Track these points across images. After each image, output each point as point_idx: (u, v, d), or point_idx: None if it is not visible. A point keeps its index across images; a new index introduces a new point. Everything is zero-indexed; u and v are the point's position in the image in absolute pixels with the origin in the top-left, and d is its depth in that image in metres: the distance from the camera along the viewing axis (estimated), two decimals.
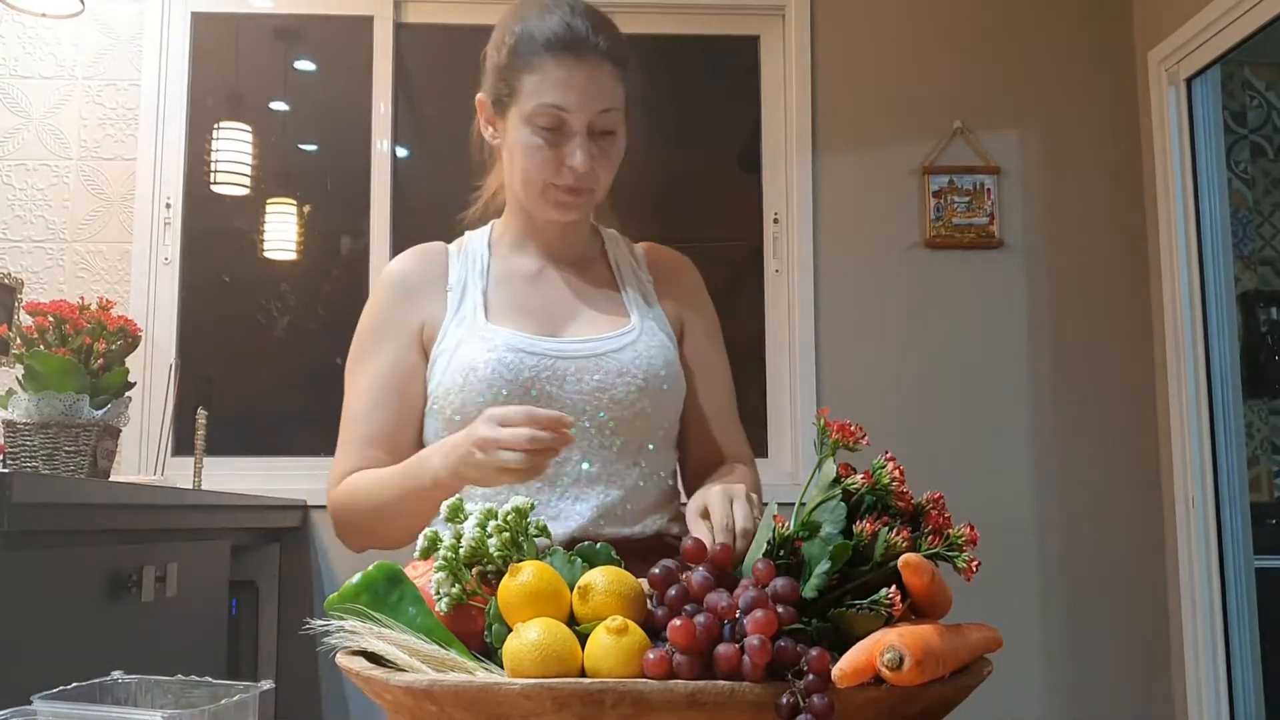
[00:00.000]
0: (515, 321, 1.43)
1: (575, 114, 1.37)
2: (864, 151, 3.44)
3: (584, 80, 1.37)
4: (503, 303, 1.47)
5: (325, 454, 3.35)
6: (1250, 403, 4.11)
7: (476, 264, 1.50)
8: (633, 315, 1.49)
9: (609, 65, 1.40)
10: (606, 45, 1.39)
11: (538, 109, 1.37)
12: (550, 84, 1.37)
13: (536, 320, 1.45)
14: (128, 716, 0.89)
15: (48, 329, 2.21)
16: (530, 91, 1.38)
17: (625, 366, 1.42)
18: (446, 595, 1.02)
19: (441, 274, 1.50)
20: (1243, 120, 4.39)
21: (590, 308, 1.49)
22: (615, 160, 1.45)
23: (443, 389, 1.41)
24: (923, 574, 0.95)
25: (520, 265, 1.52)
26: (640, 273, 1.57)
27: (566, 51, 1.37)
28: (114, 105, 3.30)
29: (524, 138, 1.40)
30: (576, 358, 1.41)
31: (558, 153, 1.39)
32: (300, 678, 3.08)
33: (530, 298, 1.48)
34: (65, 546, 1.78)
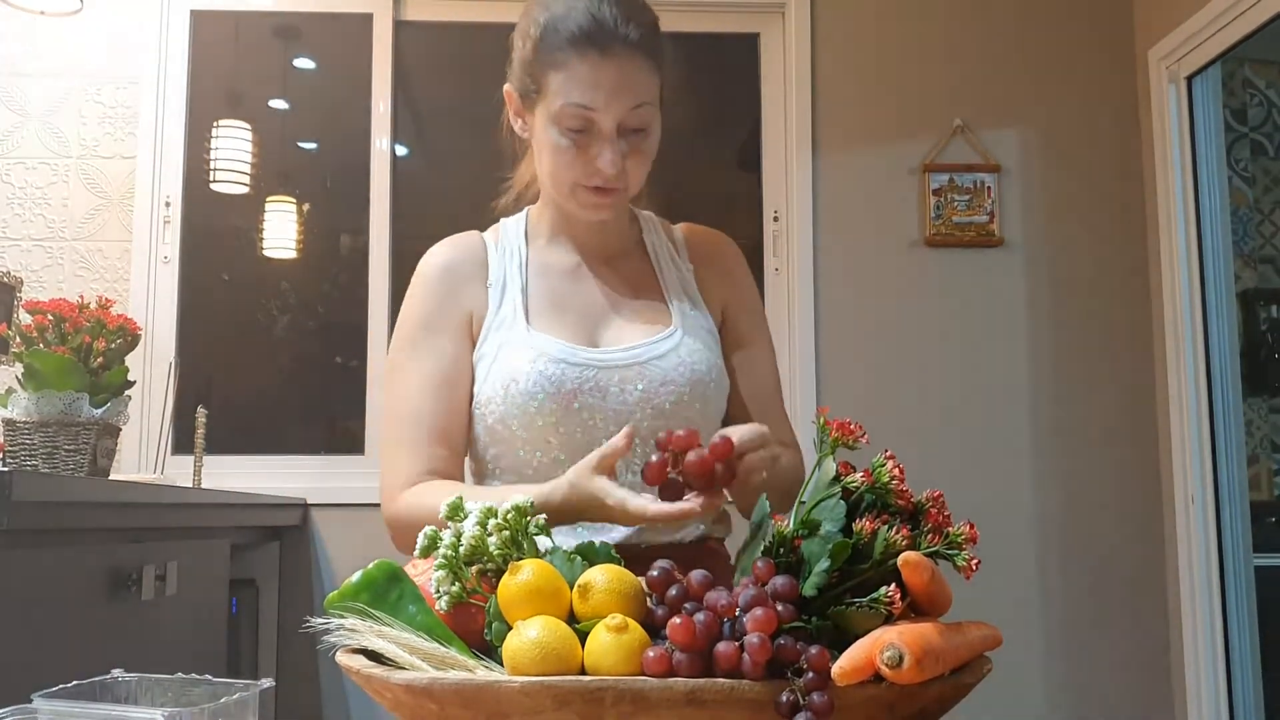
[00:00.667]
0: (555, 325, 1.39)
1: (603, 113, 1.30)
2: (864, 149, 3.44)
3: (612, 77, 1.29)
4: (541, 302, 1.42)
5: (325, 452, 3.36)
6: (1250, 401, 4.11)
7: (514, 257, 1.45)
8: (674, 314, 1.44)
9: (640, 57, 1.31)
10: (637, 35, 1.30)
11: (564, 109, 1.30)
12: (576, 82, 1.29)
13: (575, 323, 1.41)
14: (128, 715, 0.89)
15: (47, 327, 2.21)
16: (556, 90, 1.31)
17: (668, 374, 1.37)
18: (446, 593, 1.02)
19: (482, 266, 1.45)
20: (1243, 118, 4.38)
21: (629, 308, 1.44)
22: (649, 156, 1.38)
23: (484, 396, 1.38)
24: (922, 572, 0.95)
25: (557, 259, 1.47)
26: (680, 261, 1.52)
27: (593, 46, 1.29)
28: (113, 103, 3.30)
29: (551, 138, 1.33)
30: (619, 367, 1.36)
31: (586, 154, 1.33)
32: (300, 676, 3.08)
33: (568, 296, 1.44)
34: (65, 545, 1.78)
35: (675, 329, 1.42)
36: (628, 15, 1.31)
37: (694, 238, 1.56)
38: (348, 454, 3.31)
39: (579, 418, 1.33)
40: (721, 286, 1.52)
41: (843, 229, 3.40)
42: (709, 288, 1.51)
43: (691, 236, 1.56)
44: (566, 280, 1.45)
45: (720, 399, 1.44)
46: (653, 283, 1.48)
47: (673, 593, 0.90)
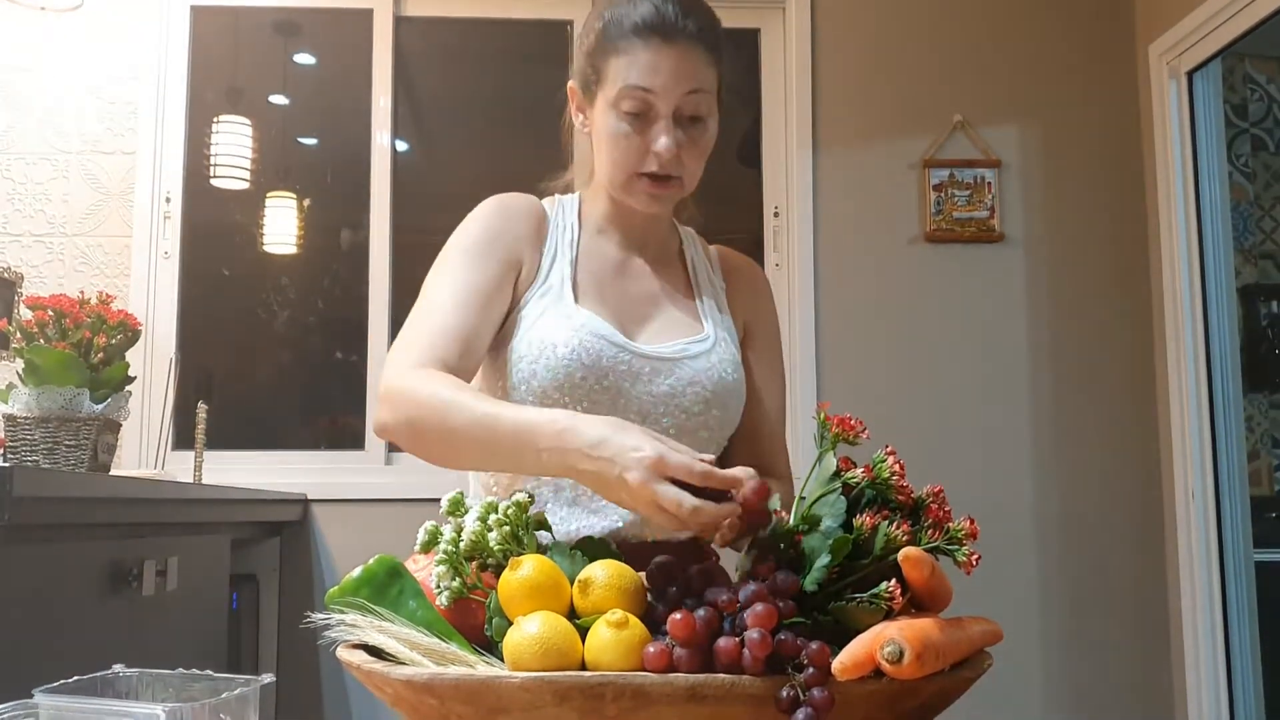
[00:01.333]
0: (598, 308, 1.40)
1: (661, 95, 1.32)
2: (864, 145, 3.43)
3: (672, 61, 1.32)
4: (587, 284, 1.43)
5: (325, 448, 3.36)
6: (1250, 396, 4.11)
7: (568, 232, 1.46)
8: (707, 324, 1.46)
9: (700, 49, 1.34)
10: (697, 28, 1.34)
11: (623, 91, 1.33)
12: (636, 65, 1.33)
13: (616, 313, 1.42)
14: (129, 710, 0.89)
15: (48, 323, 2.21)
16: (616, 75, 1.34)
17: (697, 376, 1.39)
18: (447, 589, 1.02)
19: (541, 228, 1.45)
20: (1244, 113, 4.38)
21: (666, 311, 1.46)
22: (705, 149, 1.39)
23: (516, 354, 1.36)
24: (923, 567, 0.95)
25: (604, 250, 1.48)
26: (715, 278, 1.55)
27: (655, 33, 1.32)
28: (113, 99, 3.29)
29: (610, 124, 1.36)
30: (652, 359, 1.38)
31: (644, 139, 1.34)
32: (301, 671, 3.09)
33: (611, 287, 1.45)
34: (66, 540, 1.78)
35: (709, 336, 1.44)
36: (689, 10, 1.35)
37: (728, 259, 1.59)
38: (348, 449, 3.31)
39: (605, 396, 1.35)
40: (746, 310, 1.54)
41: (843, 225, 3.39)
42: (735, 308, 1.53)
43: (726, 257, 1.59)
44: (611, 271, 1.47)
45: (738, 411, 1.46)
46: (689, 292, 1.51)
47: (673, 590, 0.90)
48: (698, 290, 1.51)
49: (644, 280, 1.48)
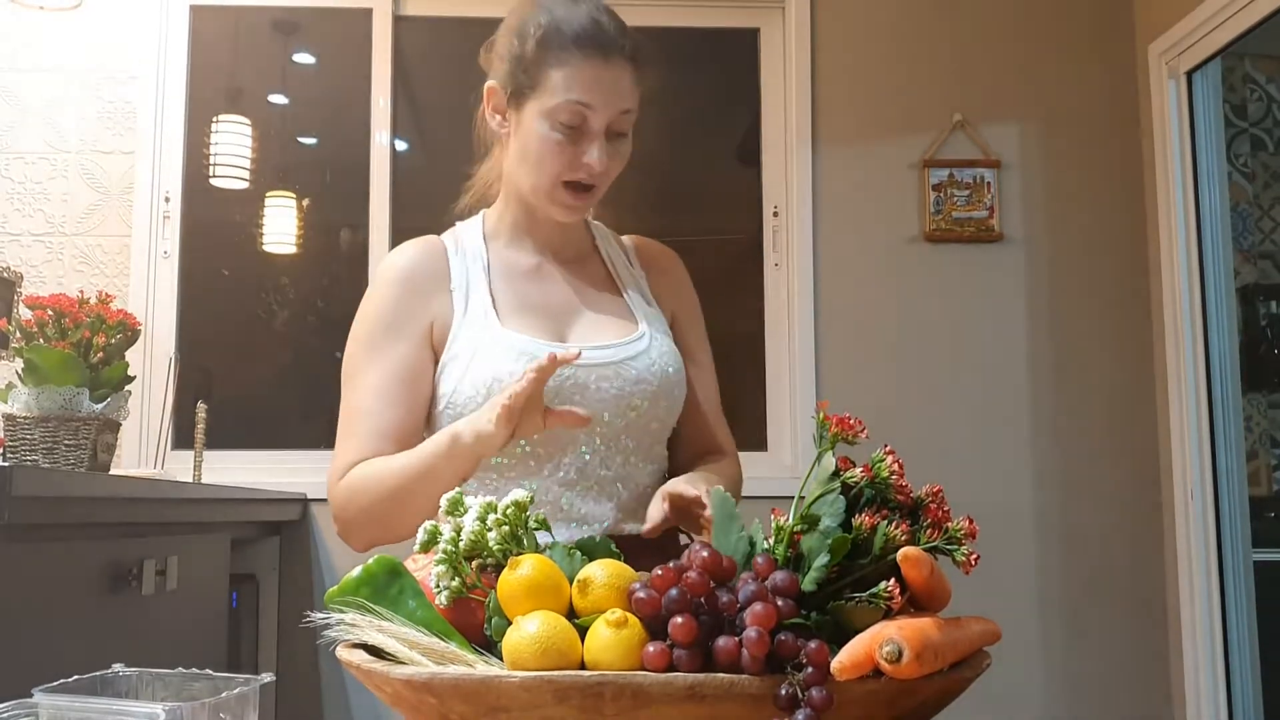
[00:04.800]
0: (526, 324, 1.42)
1: (598, 112, 1.37)
2: (864, 145, 3.44)
3: (611, 80, 1.38)
4: (509, 302, 1.45)
5: (325, 447, 3.35)
6: (1249, 396, 4.11)
7: (476, 260, 1.48)
8: (639, 320, 1.48)
9: (631, 70, 1.41)
10: (630, 47, 1.41)
11: (563, 105, 1.37)
12: (579, 81, 1.37)
13: (545, 323, 1.44)
14: (128, 709, 0.89)
15: (47, 323, 2.21)
16: (556, 86, 1.37)
17: (641, 374, 1.42)
18: (446, 588, 1.02)
19: (444, 270, 1.47)
20: (1243, 114, 4.38)
21: (594, 308, 1.48)
22: (624, 161, 1.45)
23: (463, 397, 1.38)
24: (922, 567, 0.95)
25: (518, 260, 1.50)
26: (634, 270, 1.58)
27: (597, 49, 1.37)
28: (113, 99, 3.29)
29: (542, 132, 1.39)
30: (596, 365, 1.39)
31: (576, 150, 1.39)
32: (300, 670, 3.09)
33: (534, 295, 1.47)
34: (65, 540, 1.78)
35: (644, 331, 1.46)
36: (621, 28, 1.42)
37: (644, 249, 1.62)
38: None
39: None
40: (671, 298, 1.58)
41: (842, 224, 3.39)
42: (660, 297, 1.56)
43: (642, 248, 1.62)
44: (531, 280, 1.49)
45: (682, 399, 1.50)
46: (612, 286, 1.53)
47: (673, 594, 0.90)
48: (621, 285, 1.54)
49: (564, 284, 1.50)
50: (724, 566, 0.94)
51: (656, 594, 0.90)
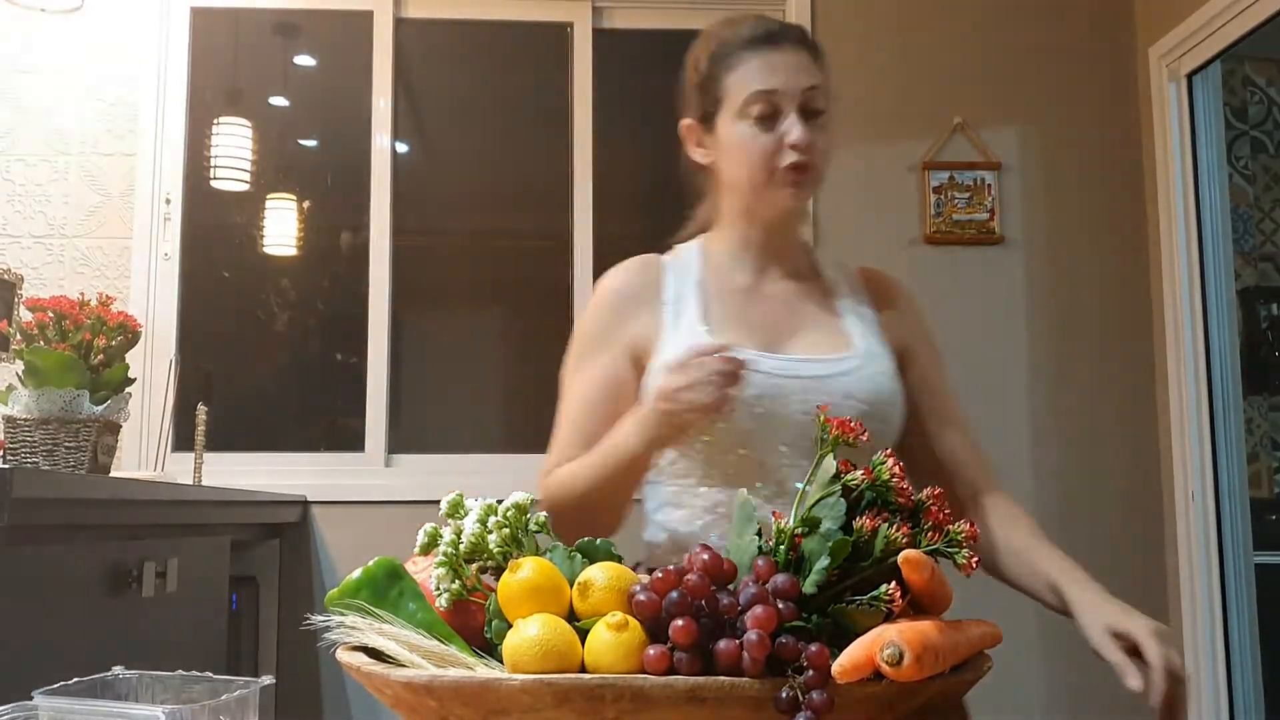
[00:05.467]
0: (737, 335, 1.41)
1: (785, 93, 1.39)
2: (864, 147, 3.43)
3: (785, 61, 1.41)
4: (722, 316, 1.45)
5: (325, 449, 3.36)
6: (1250, 399, 4.11)
7: (690, 276, 1.49)
8: (855, 337, 1.45)
9: (805, 51, 1.43)
10: (798, 35, 1.45)
11: (749, 98, 1.40)
12: (756, 72, 1.41)
13: (757, 334, 1.43)
14: (129, 712, 0.89)
15: (48, 325, 2.21)
16: (738, 86, 1.42)
17: (852, 390, 1.38)
18: (447, 591, 1.02)
19: (656, 287, 1.49)
20: (1243, 116, 4.38)
21: (809, 325, 1.47)
22: (830, 141, 1.44)
23: None
24: (923, 570, 0.95)
25: (736, 279, 1.50)
26: (860, 296, 1.54)
27: (765, 41, 1.42)
28: (114, 101, 3.29)
29: (740, 131, 1.42)
30: (801, 378, 1.38)
31: (776, 136, 1.40)
32: (301, 673, 3.08)
33: (748, 311, 1.47)
34: (66, 542, 1.78)
35: (857, 351, 1.43)
36: (788, 25, 1.48)
37: (873, 278, 1.59)
38: (348, 451, 3.31)
39: (758, 423, 1.36)
40: (900, 329, 1.53)
41: (843, 227, 3.39)
42: (888, 327, 1.51)
43: (870, 276, 1.59)
44: (746, 297, 1.49)
45: (899, 422, 1.45)
46: (831, 306, 1.51)
47: (674, 596, 0.90)
48: (840, 305, 1.51)
49: (780, 302, 1.49)
50: (724, 569, 0.94)
51: (657, 597, 0.90)
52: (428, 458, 3.33)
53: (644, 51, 3.62)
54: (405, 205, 3.43)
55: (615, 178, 3.50)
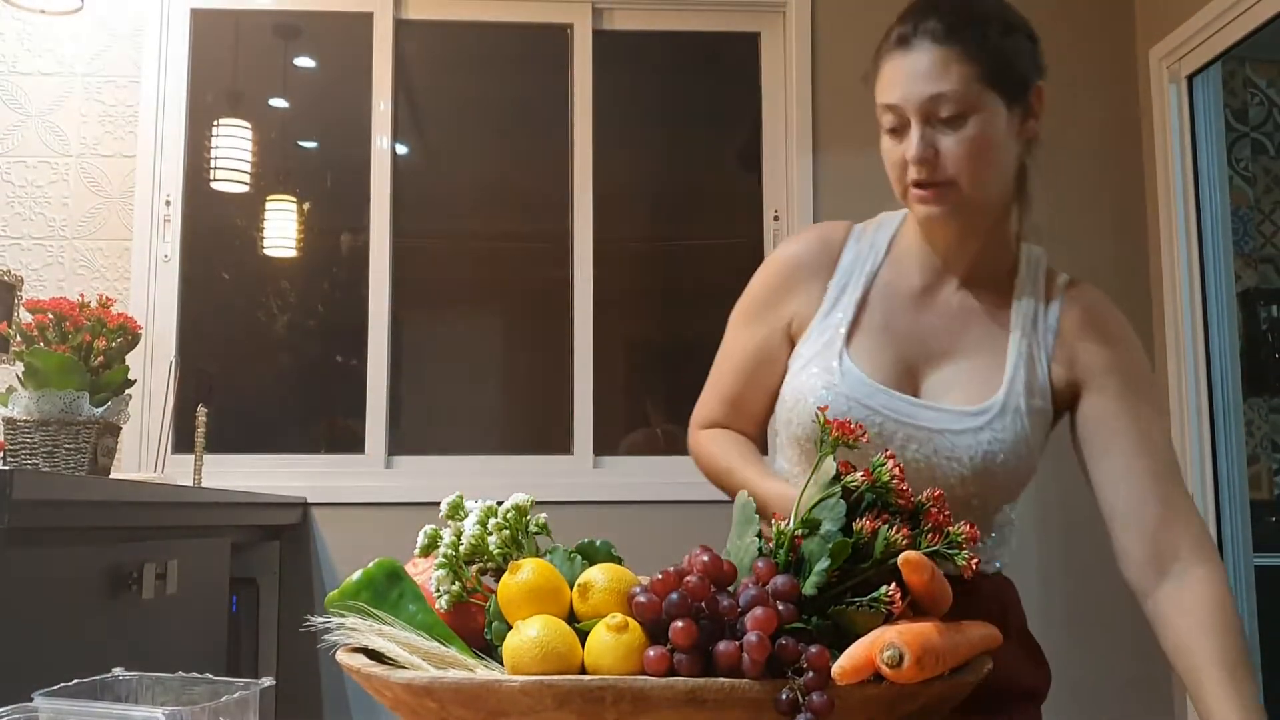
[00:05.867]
0: (872, 355, 1.36)
1: (903, 107, 1.30)
2: (865, 148, 3.40)
3: (907, 71, 1.30)
4: (872, 323, 1.39)
5: (325, 451, 3.36)
6: (1250, 400, 4.11)
7: (868, 263, 1.44)
8: (1004, 384, 1.34)
9: (941, 48, 1.28)
10: (941, 27, 1.29)
11: (879, 111, 1.34)
12: (882, 83, 1.34)
13: (896, 358, 1.36)
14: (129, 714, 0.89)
15: (48, 326, 2.21)
16: (875, 97, 1.35)
17: (956, 451, 1.30)
18: (447, 592, 1.02)
19: (829, 265, 1.45)
20: (1244, 118, 4.38)
21: (966, 352, 1.37)
22: (976, 148, 1.28)
23: (782, 397, 1.42)
24: (922, 571, 0.95)
25: (907, 279, 1.42)
26: (1046, 319, 1.40)
27: (896, 48, 1.33)
28: (113, 102, 3.29)
29: (882, 142, 1.36)
30: (908, 424, 1.31)
31: (901, 150, 1.32)
32: (301, 675, 3.08)
33: (900, 325, 1.39)
34: (65, 544, 1.78)
35: (994, 405, 1.33)
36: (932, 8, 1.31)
37: (1075, 298, 1.43)
38: (348, 453, 3.31)
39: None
40: (1085, 358, 1.38)
41: None
42: (1067, 356, 1.38)
43: (1073, 296, 1.43)
44: (909, 305, 1.41)
45: (1012, 484, 1.37)
46: (1000, 334, 1.38)
47: (674, 598, 0.90)
48: (1012, 333, 1.38)
49: (951, 314, 1.40)
50: (724, 571, 0.94)
51: (657, 598, 0.90)
52: (428, 459, 3.33)
53: (644, 53, 3.62)
54: (405, 207, 3.43)
55: (615, 179, 3.50)
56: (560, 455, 3.37)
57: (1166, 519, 1.30)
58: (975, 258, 1.41)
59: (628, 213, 3.59)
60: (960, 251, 1.41)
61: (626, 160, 3.59)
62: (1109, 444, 1.36)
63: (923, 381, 1.37)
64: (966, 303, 1.40)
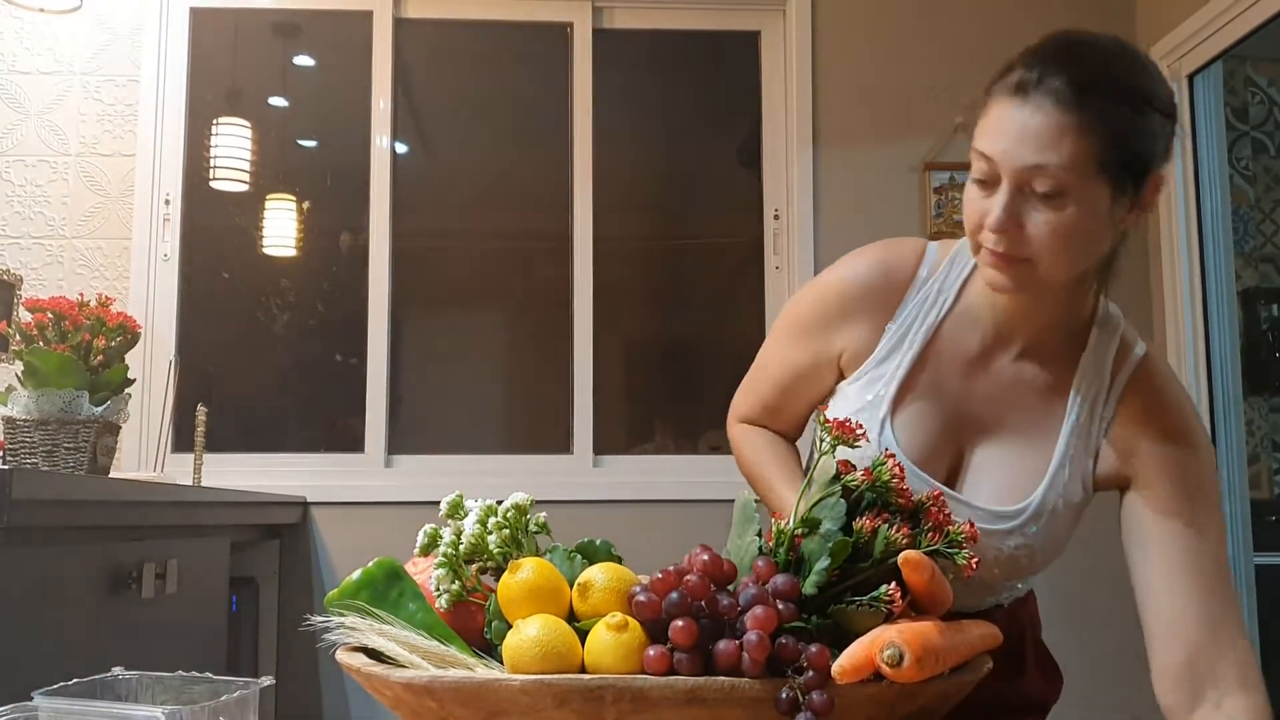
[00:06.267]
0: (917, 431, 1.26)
1: (999, 163, 1.12)
2: (865, 147, 3.43)
3: (1019, 125, 1.11)
4: (922, 386, 1.28)
5: (325, 450, 3.36)
6: (1250, 400, 4.11)
7: (931, 312, 1.30)
8: (1043, 484, 1.25)
9: (1060, 114, 1.10)
10: (1067, 90, 1.10)
11: (972, 154, 1.17)
12: (986, 127, 1.16)
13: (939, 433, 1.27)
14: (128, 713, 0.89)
15: (47, 325, 2.21)
16: (974, 135, 1.18)
17: (982, 550, 1.18)
18: (447, 591, 1.02)
19: (892, 302, 1.31)
20: (1244, 116, 4.38)
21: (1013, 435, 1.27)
22: (1065, 234, 1.13)
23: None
24: (922, 571, 0.94)
25: (966, 341, 1.29)
26: (1105, 405, 1.27)
27: (1012, 95, 1.13)
28: (113, 101, 3.29)
29: (968, 185, 1.19)
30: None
31: (986, 206, 1.15)
32: (300, 674, 3.08)
33: (952, 391, 1.28)
34: (65, 543, 1.78)
35: (1030, 506, 1.25)
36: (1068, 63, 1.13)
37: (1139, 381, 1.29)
38: (348, 452, 3.31)
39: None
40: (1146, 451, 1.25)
41: (844, 227, 3.39)
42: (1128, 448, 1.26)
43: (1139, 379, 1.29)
44: (963, 373, 1.29)
45: (1039, 568, 1.33)
46: (1052, 421, 1.27)
47: (674, 597, 0.90)
48: (1069, 416, 1.27)
49: (998, 385, 1.29)
50: (724, 570, 0.94)
51: (657, 597, 0.90)
52: (427, 458, 3.33)
53: (644, 52, 3.62)
54: (405, 206, 3.43)
55: (615, 178, 3.49)
56: (560, 454, 3.37)
57: (1208, 637, 1.18)
58: (1041, 328, 1.28)
59: (628, 211, 3.59)
60: (1026, 320, 1.28)
61: (626, 159, 3.59)
62: (1155, 547, 1.24)
63: (964, 456, 1.29)
64: (1023, 374, 1.29)
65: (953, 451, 1.29)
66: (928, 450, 1.27)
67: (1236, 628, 1.19)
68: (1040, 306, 1.25)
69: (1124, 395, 1.27)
